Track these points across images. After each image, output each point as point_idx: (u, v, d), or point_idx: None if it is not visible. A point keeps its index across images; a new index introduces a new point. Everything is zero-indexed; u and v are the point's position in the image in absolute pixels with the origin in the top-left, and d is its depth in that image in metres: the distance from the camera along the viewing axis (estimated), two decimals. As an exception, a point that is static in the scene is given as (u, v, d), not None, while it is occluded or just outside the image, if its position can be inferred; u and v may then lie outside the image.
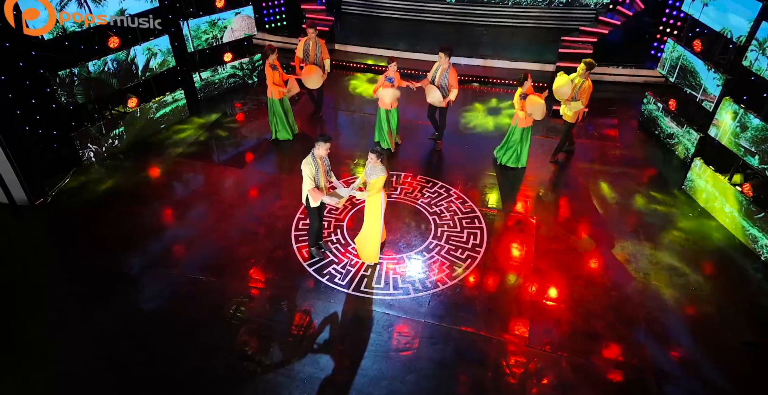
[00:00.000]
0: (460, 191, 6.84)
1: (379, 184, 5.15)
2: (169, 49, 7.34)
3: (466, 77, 9.55)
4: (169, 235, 6.11)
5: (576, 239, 6.09)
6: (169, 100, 7.70)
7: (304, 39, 7.43)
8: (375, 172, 5.13)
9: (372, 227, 5.49)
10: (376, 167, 5.11)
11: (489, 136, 8.09)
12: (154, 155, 7.45)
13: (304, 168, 5.02)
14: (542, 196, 6.86)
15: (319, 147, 4.99)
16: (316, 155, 5.04)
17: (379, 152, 5.06)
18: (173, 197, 6.73)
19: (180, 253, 5.87)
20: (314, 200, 5.22)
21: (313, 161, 5.03)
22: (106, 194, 6.71)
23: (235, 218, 6.34)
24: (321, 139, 4.97)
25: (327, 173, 5.23)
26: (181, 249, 5.91)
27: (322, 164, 5.13)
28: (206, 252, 5.83)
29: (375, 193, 5.22)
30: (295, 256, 5.81)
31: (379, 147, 5.17)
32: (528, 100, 6.55)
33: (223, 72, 8.69)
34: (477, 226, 6.27)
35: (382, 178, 5.12)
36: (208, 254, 5.81)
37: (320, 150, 5.00)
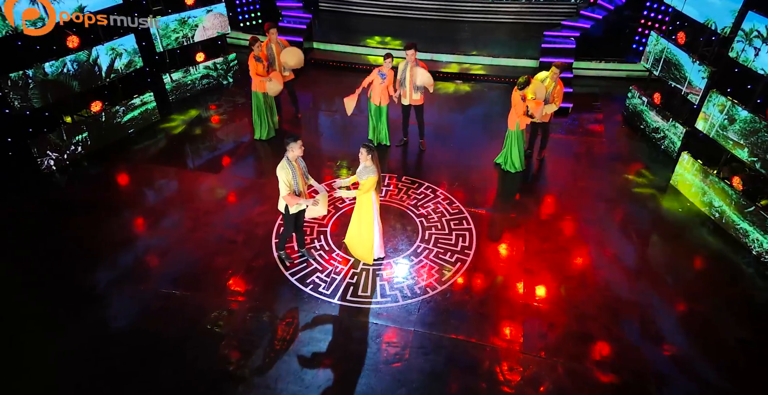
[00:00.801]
0: (446, 191, 6.63)
1: (368, 185, 4.92)
2: (136, 49, 6.95)
3: (448, 74, 9.37)
4: (140, 247, 5.74)
5: (566, 238, 5.95)
6: (138, 103, 7.30)
7: (266, 42, 7.04)
8: (366, 172, 4.90)
9: (365, 226, 5.24)
10: (368, 166, 4.88)
11: (473, 133, 7.91)
12: (123, 162, 7.05)
13: (280, 173, 4.75)
14: (530, 194, 6.71)
15: (293, 148, 4.72)
16: (290, 158, 4.77)
17: (369, 147, 4.82)
18: (143, 206, 6.35)
19: (151, 266, 5.50)
20: (291, 206, 4.96)
21: (289, 164, 4.76)
22: (69, 204, 6.30)
23: (211, 226, 6.01)
24: (291, 139, 4.71)
25: (305, 176, 4.97)
26: (152, 262, 5.55)
27: (298, 166, 4.87)
28: (180, 264, 5.49)
29: (363, 193, 4.99)
30: (276, 265, 5.52)
31: (370, 142, 4.91)
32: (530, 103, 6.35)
33: (196, 73, 8.31)
34: (465, 227, 6.07)
35: (373, 179, 4.90)
36: (183, 266, 5.47)
37: (294, 151, 4.74)
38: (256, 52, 6.77)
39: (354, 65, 9.57)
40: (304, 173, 4.96)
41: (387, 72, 6.86)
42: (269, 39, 6.97)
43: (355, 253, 5.59)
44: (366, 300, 5.15)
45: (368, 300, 5.15)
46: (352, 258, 5.60)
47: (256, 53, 6.78)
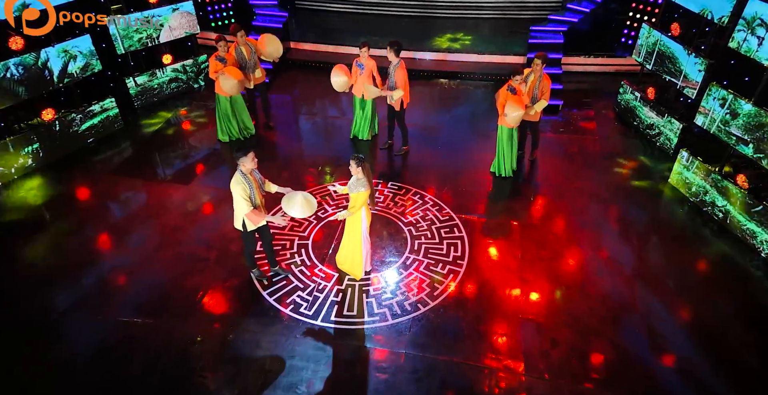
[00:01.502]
0: (435, 196, 6.23)
1: (359, 200, 4.53)
2: (92, 50, 6.39)
3: (432, 74, 9.00)
4: (99, 269, 5.21)
5: (563, 244, 5.59)
6: (97, 109, 6.74)
7: (233, 46, 6.53)
8: (357, 186, 4.51)
9: (354, 240, 4.87)
10: (360, 179, 4.49)
11: (460, 134, 7.53)
12: (81, 174, 6.48)
13: (236, 188, 4.31)
14: (523, 197, 6.34)
15: (244, 162, 4.29)
16: (245, 171, 4.33)
17: (359, 158, 4.42)
18: (105, 223, 5.81)
19: (111, 291, 4.98)
20: (254, 224, 4.50)
21: (244, 178, 4.33)
22: (18, 222, 5.73)
23: (180, 243, 5.50)
24: (241, 153, 4.28)
25: (261, 188, 4.54)
26: (113, 286, 5.03)
27: (254, 179, 4.43)
28: (144, 288, 4.98)
29: (356, 210, 4.60)
30: (253, 284, 5.04)
31: (358, 154, 4.50)
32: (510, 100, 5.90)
33: (163, 76, 7.77)
34: (457, 235, 5.67)
35: (364, 194, 4.50)
36: (147, 289, 4.96)
37: (247, 165, 4.31)
38: (221, 52, 6.29)
39: (334, 65, 9.12)
40: (261, 185, 4.52)
41: (365, 62, 6.46)
42: (237, 41, 6.46)
43: (342, 267, 5.16)
44: (352, 320, 4.72)
45: (355, 320, 4.72)
46: (336, 273, 5.16)
47: (221, 53, 6.30)
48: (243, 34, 6.38)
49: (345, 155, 7.10)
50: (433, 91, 8.84)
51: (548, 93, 6.16)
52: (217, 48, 6.28)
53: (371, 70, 6.60)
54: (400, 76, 6.29)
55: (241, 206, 4.37)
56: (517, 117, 5.88)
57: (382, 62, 6.72)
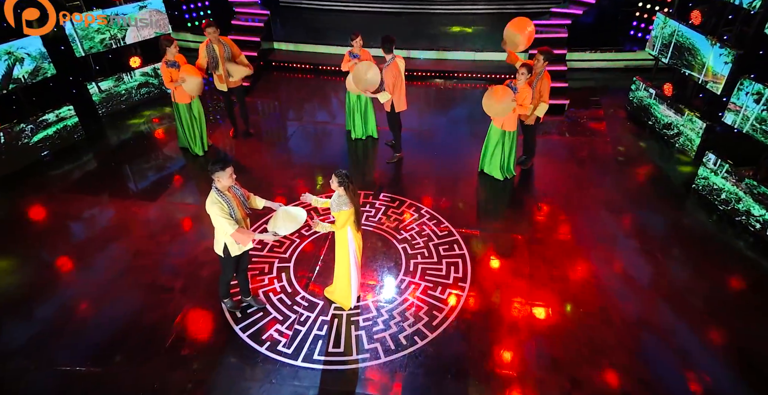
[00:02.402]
0: (432, 208, 5.61)
1: (341, 219, 3.95)
2: (43, 52, 5.75)
3: (427, 73, 8.41)
4: (44, 305, 4.53)
5: (577, 261, 4.97)
6: (52, 118, 6.08)
7: (205, 43, 5.91)
8: (339, 204, 3.92)
9: (341, 265, 4.26)
10: (341, 197, 3.90)
11: (458, 138, 6.92)
12: (32, 192, 5.81)
13: (211, 209, 3.69)
14: (528, 207, 5.73)
15: (220, 177, 3.68)
16: (221, 188, 3.72)
17: (342, 176, 3.82)
18: (55, 248, 5.12)
19: (54, 332, 4.28)
20: (244, 244, 3.90)
21: (220, 196, 3.72)
22: None
23: (142, 270, 4.84)
24: (217, 167, 3.65)
25: (244, 204, 3.91)
26: (56, 326, 4.32)
27: (233, 196, 3.81)
28: (95, 327, 4.30)
29: (339, 229, 4.01)
30: (224, 317, 4.39)
31: (341, 171, 3.87)
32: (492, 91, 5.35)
33: (131, 81, 7.14)
34: (457, 253, 5.05)
35: (347, 213, 3.91)
36: (98, 329, 4.28)
37: (223, 181, 3.69)
38: (170, 55, 5.59)
39: (321, 66, 8.53)
40: (243, 202, 3.89)
41: (360, 52, 5.93)
42: (209, 39, 5.83)
43: (331, 296, 4.54)
44: (339, 359, 4.07)
45: (342, 359, 4.07)
46: (321, 301, 4.53)
47: (170, 57, 5.60)
48: (214, 31, 5.74)
49: (339, 162, 6.52)
50: (428, 93, 8.25)
51: (547, 95, 5.55)
52: (165, 52, 5.59)
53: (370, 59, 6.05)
54: (388, 76, 5.69)
55: (223, 228, 3.72)
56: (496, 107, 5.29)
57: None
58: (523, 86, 5.36)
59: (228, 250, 3.94)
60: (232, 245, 3.90)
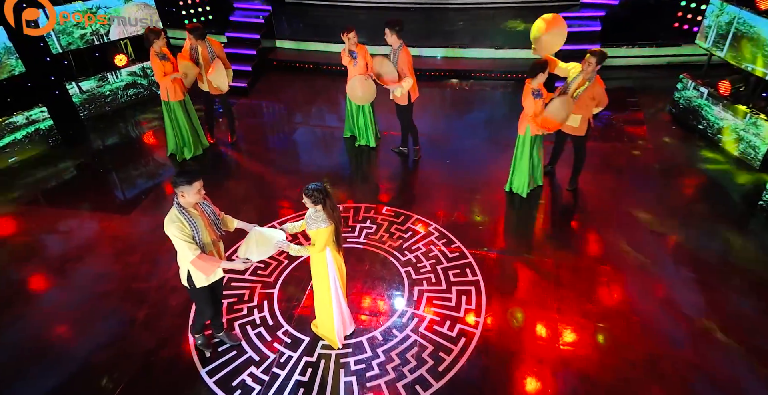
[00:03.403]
0: (443, 225, 4.89)
1: (320, 239, 3.27)
2: (8, 47, 5.26)
3: (441, 73, 7.73)
4: None
5: (616, 294, 4.16)
6: (21, 121, 5.59)
7: (187, 44, 5.41)
8: (316, 220, 3.26)
9: (322, 296, 3.58)
10: (318, 213, 3.25)
11: (474, 146, 6.20)
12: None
13: (170, 229, 3.05)
14: (557, 226, 4.95)
15: (185, 192, 3.04)
16: (184, 204, 3.08)
17: (315, 191, 3.16)
18: (4, 270, 4.51)
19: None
20: (207, 274, 3.24)
21: (183, 214, 3.07)
22: None
23: (101, 298, 4.22)
24: (182, 180, 3.01)
25: (215, 224, 3.26)
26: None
27: (200, 213, 3.17)
28: (33, 370, 3.66)
29: (318, 251, 3.32)
30: (189, 357, 3.73)
31: (315, 185, 3.21)
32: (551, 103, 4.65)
33: (117, 81, 6.65)
34: (470, 280, 4.31)
35: (325, 232, 3.25)
36: (37, 373, 3.64)
37: (189, 196, 3.05)
38: (157, 47, 5.11)
39: (325, 66, 7.94)
40: (214, 221, 3.25)
41: (357, 49, 5.39)
42: (189, 40, 5.30)
43: (317, 331, 3.87)
44: (321, 415, 3.38)
45: (325, 414, 3.38)
46: (306, 337, 3.84)
47: (158, 49, 5.13)
48: (199, 33, 5.22)
49: (341, 169, 5.88)
50: (443, 94, 7.57)
51: (606, 99, 4.74)
52: (151, 44, 5.10)
53: (365, 59, 5.47)
54: (405, 60, 5.13)
55: (182, 252, 3.11)
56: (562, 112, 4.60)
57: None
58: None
59: (192, 280, 3.28)
60: (197, 274, 3.24)
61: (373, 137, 6.09)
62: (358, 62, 5.45)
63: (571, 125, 4.90)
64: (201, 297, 3.39)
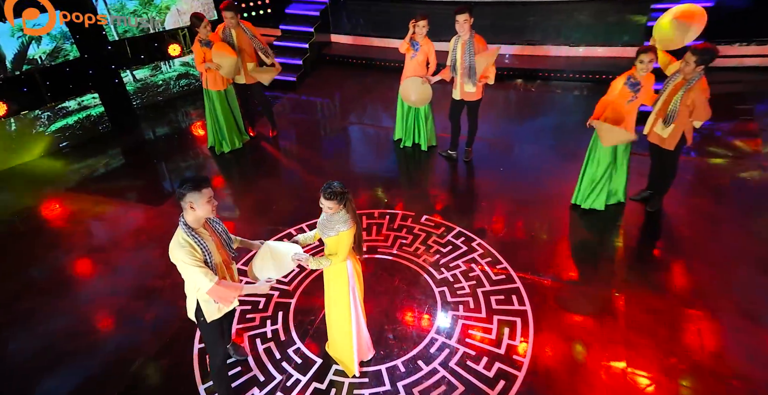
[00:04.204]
0: (489, 242, 4.27)
1: (342, 245, 2.82)
2: (65, 32, 5.34)
3: (505, 72, 7.07)
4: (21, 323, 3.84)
5: (708, 346, 3.31)
6: (73, 106, 5.67)
7: (220, 28, 5.20)
8: (332, 225, 2.81)
9: (339, 315, 3.12)
10: (335, 216, 2.80)
11: (537, 153, 5.49)
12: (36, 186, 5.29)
13: (177, 255, 2.51)
14: (635, 254, 4.13)
15: (194, 203, 2.48)
16: (192, 222, 2.56)
17: (335, 192, 2.70)
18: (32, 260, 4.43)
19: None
20: (227, 304, 2.74)
21: (193, 237, 2.53)
22: None
23: (113, 293, 4.03)
24: (187, 188, 2.47)
25: (227, 244, 2.76)
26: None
27: (212, 232, 2.68)
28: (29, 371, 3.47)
29: (342, 259, 2.88)
30: (190, 367, 3.41)
31: (339, 184, 2.76)
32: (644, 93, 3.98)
33: (170, 71, 6.69)
34: (516, 309, 3.66)
35: (347, 235, 2.80)
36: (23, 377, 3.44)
37: (199, 209, 2.51)
38: (203, 34, 4.95)
39: (379, 62, 7.57)
40: (226, 241, 2.75)
41: (421, 42, 4.91)
42: (225, 22, 5.09)
43: (334, 355, 3.42)
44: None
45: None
46: (319, 359, 3.41)
47: (203, 36, 4.96)
48: (232, 16, 5.00)
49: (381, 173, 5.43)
50: (505, 95, 6.89)
51: (705, 111, 3.83)
52: (196, 30, 4.95)
53: (427, 55, 5.00)
54: (483, 48, 4.68)
55: (195, 281, 2.56)
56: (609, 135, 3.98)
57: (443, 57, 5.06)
58: (647, 79, 3.96)
59: (203, 313, 2.74)
60: (209, 305, 2.72)
61: (425, 139, 5.57)
62: (417, 56, 4.98)
63: (659, 133, 4.08)
64: (213, 332, 2.84)
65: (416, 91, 5.08)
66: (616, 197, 4.54)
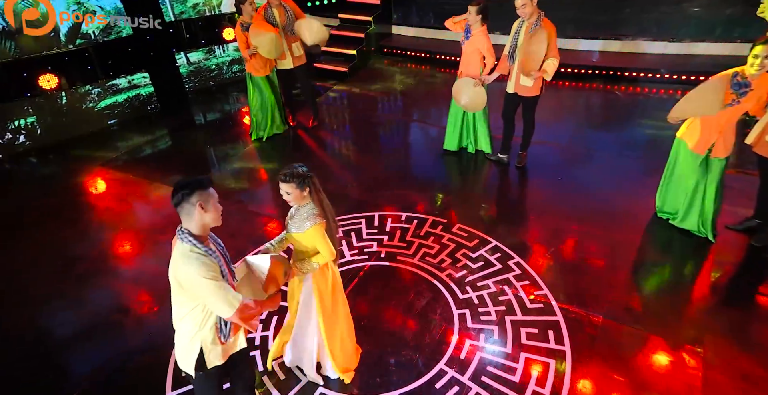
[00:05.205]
0: (530, 262, 3.59)
1: (319, 238, 2.41)
2: (119, 8, 5.38)
3: (586, 71, 6.24)
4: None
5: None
6: (123, 85, 5.73)
7: (264, 6, 4.94)
8: (306, 217, 2.40)
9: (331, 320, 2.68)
10: (301, 210, 2.42)
11: (609, 166, 4.69)
12: (77, 164, 5.33)
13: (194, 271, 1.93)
14: (729, 302, 3.25)
15: (205, 203, 1.96)
16: (199, 230, 2.00)
17: (291, 172, 2.31)
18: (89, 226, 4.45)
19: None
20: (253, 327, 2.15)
21: (201, 246, 1.98)
22: None
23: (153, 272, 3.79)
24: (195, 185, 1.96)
25: (228, 262, 2.19)
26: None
27: (216, 247, 2.13)
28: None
29: (330, 255, 2.46)
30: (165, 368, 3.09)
31: (296, 166, 2.35)
32: None
33: (223, 55, 6.67)
34: (552, 348, 2.98)
35: (319, 228, 2.39)
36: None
37: (210, 210, 1.99)
38: (246, 17, 4.75)
39: (439, 56, 7.06)
40: (228, 259, 2.16)
41: (474, 31, 4.31)
42: (268, 2, 4.86)
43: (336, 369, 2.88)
44: None
45: None
46: (303, 379, 2.97)
47: (246, 19, 4.75)
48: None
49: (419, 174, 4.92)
50: (581, 96, 6.06)
51: None
52: (241, 12, 4.76)
53: (477, 48, 4.33)
54: (547, 36, 3.95)
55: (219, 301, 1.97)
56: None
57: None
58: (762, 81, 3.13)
59: (205, 361, 2.13)
60: (215, 348, 2.13)
61: (474, 141, 4.93)
62: (465, 45, 4.40)
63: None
64: (213, 384, 2.24)
65: (467, 94, 4.44)
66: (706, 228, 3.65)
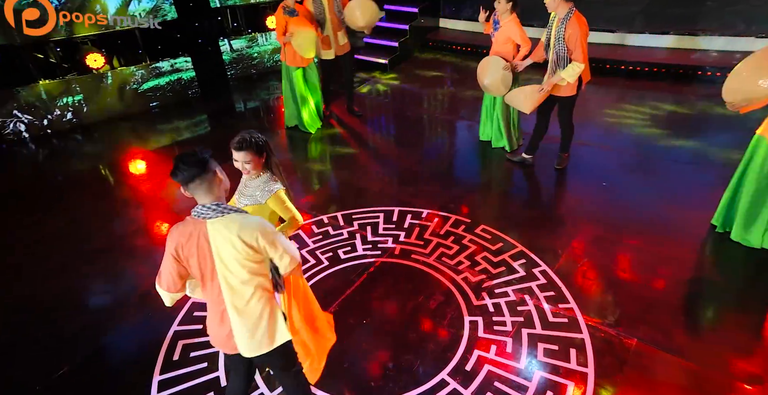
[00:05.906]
0: (558, 271, 3.25)
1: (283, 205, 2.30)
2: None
3: (637, 68, 5.73)
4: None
5: None
6: (166, 68, 5.86)
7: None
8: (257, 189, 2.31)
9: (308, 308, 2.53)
10: (255, 179, 2.32)
11: (665, 175, 4.23)
12: (128, 142, 5.53)
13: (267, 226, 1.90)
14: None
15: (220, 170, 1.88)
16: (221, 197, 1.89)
17: (245, 138, 2.23)
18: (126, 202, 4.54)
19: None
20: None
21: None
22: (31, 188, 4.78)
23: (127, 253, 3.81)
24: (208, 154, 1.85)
25: None
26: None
27: None
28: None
29: (300, 219, 2.36)
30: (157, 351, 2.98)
31: (248, 134, 2.24)
32: None
33: (265, 44, 6.72)
34: (572, 368, 2.64)
35: (280, 194, 2.29)
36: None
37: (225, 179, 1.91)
38: (288, 1, 4.62)
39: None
40: None
41: (503, 21, 4.09)
42: None
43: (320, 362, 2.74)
44: None
45: None
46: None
47: (289, 3, 4.62)
48: None
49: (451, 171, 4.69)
50: (644, 96, 5.55)
51: None
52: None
53: (508, 36, 4.08)
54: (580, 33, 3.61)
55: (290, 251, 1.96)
56: None
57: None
58: None
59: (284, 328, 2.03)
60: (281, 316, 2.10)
61: (506, 138, 4.64)
62: (495, 36, 4.17)
63: None
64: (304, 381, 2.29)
65: (491, 75, 4.15)
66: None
